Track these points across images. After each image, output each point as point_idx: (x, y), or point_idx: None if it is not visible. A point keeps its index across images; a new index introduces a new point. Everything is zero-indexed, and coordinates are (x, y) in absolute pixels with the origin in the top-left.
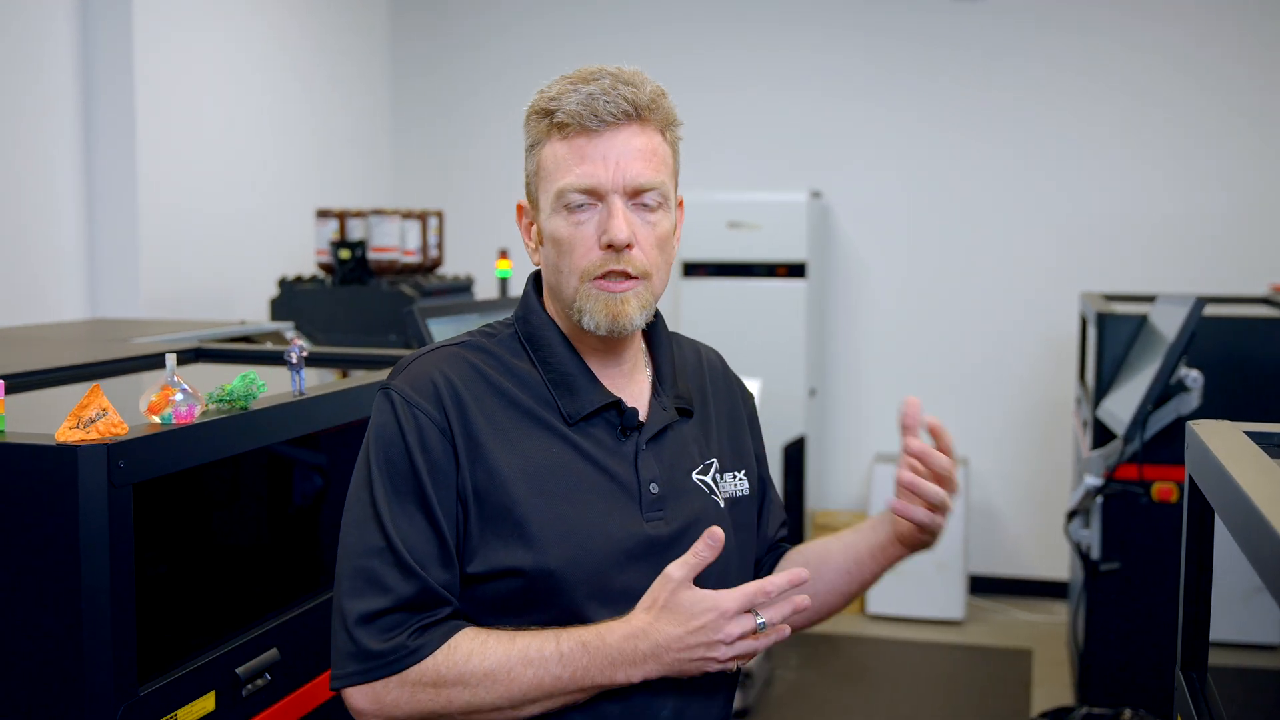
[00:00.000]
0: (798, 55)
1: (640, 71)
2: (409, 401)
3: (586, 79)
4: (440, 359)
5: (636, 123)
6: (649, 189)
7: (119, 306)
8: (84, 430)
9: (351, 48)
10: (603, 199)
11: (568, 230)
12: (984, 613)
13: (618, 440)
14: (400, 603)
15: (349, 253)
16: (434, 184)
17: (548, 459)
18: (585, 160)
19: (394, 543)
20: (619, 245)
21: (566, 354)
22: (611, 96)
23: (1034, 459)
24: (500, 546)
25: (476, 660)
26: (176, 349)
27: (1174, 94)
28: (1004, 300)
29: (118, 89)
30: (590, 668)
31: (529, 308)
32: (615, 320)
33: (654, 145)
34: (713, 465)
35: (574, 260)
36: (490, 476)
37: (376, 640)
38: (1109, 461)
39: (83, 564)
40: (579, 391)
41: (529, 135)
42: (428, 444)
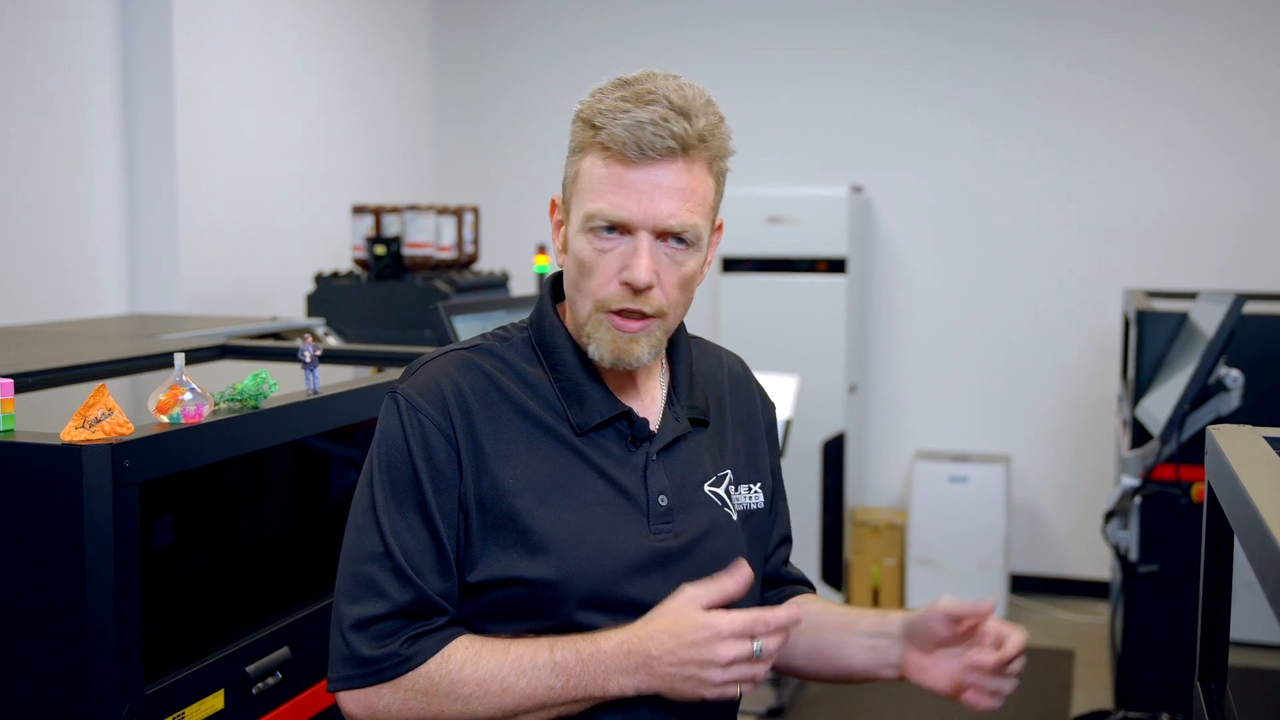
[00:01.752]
0: (839, 52)
1: (703, 91)
2: (415, 407)
3: (640, 99)
4: (450, 364)
5: (682, 159)
6: (682, 231)
7: (159, 302)
8: (89, 430)
9: (393, 42)
10: (631, 233)
11: (591, 255)
12: (1025, 612)
13: (628, 450)
14: (396, 610)
15: (384, 248)
16: (474, 179)
17: (554, 469)
18: (620, 190)
19: (392, 549)
20: (638, 287)
21: (578, 363)
22: (660, 129)
23: (1077, 457)
24: (502, 555)
25: (470, 669)
26: (203, 345)
27: (1221, 90)
28: (1046, 296)
29: (157, 85)
30: (583, 676)
31: (543, 312)
32: (620, 358)
33: (695, 183)
34: (726, 477)
35: (593, 286)
36: (494, 486)
37: (370, 646)
38: (1146, 462)
39: (87, 563)
40: (588, 402)
41: (573, 137)
42: (431, 450)
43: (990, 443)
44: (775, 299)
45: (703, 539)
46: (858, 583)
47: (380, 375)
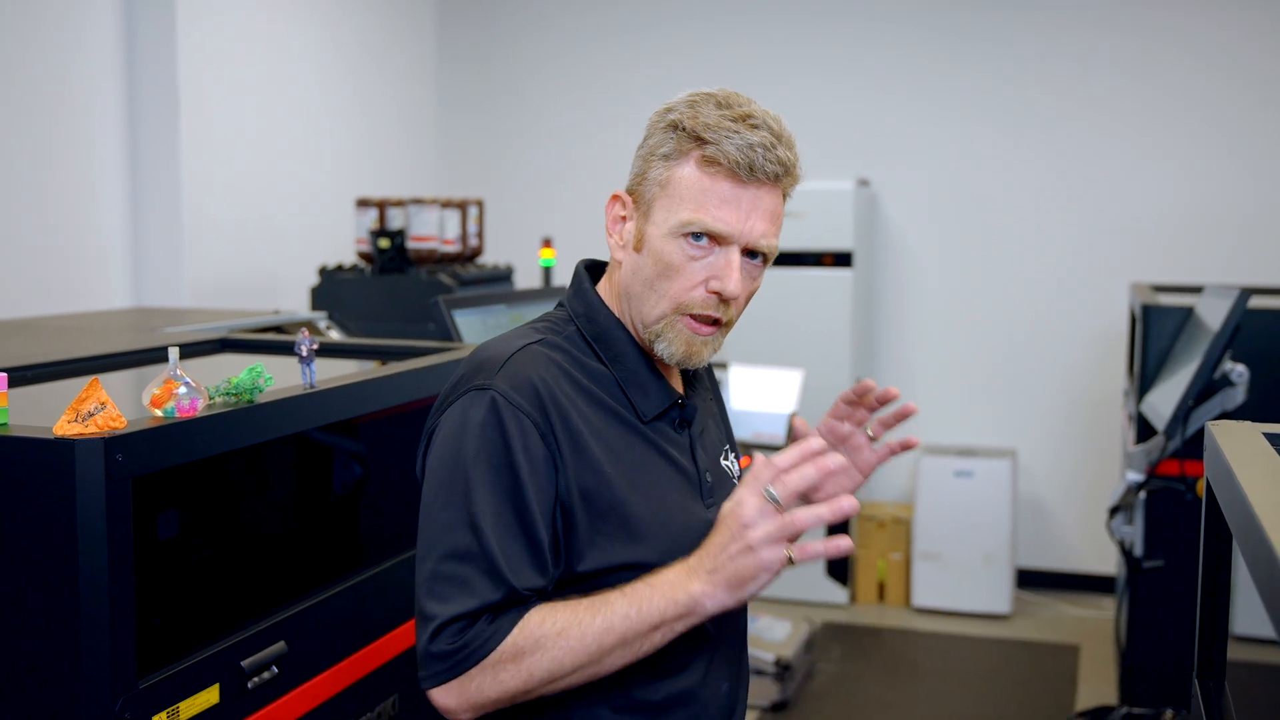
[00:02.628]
0: (846, 45)
1: (783, 120)
2: (512, 403)
3: (745, 120)
4: (534, 359)
5: (778, 185)
6: (766, 251)
7: (163, 295)
8: (82, 424)
9: (398, 36)
10: (724, 245)
11: (681, 259)
12: (1031, 607)
13: (678, 433)
14: (485, 606)
15: (388, 242)
16: (479, 172)
17: (636, 456)
18: (724, 205)
19: (489, 547)
20: (729, 297)
21: (636, 354)
22: (770, 155)
23: (1083, 452)
24: (608, 544)
25: (549, 624)
26: (204, 339)
27: (1228, 86)
28: (1053, 291)
29: (161, 78)
30: (653, 596)
31: (591, 305)
32: (690, 358)
33: (780, 208)
34: (727, 449)
35: (675, 288)
36: (596, 475)
37: (450, 640)
38: (1151, 458)
39: (80, 558)
40: (651, 392)
41: (664, 144)
42: (530, 447)
43: (996, 437)
44: (781, 292)
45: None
46: (863, 577)
47: (383, 369)
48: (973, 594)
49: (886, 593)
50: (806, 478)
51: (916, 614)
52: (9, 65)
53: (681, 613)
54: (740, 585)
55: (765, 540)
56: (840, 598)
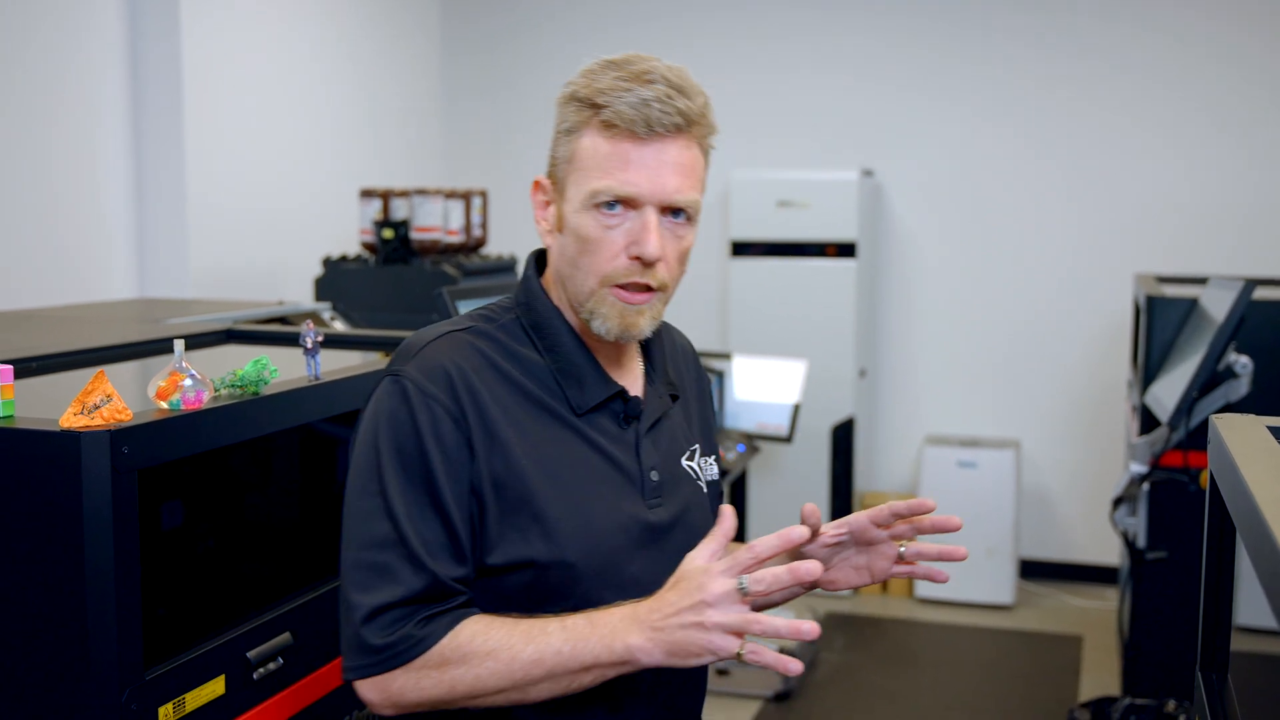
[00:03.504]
0: (849, 35)
1: (687, 72)
2: (422, 390)
3: (639, 78)
4: (451, 346)
5: (684, 135)
6: (685, 206)
7: (168, 286)
8: (88, 416)
9: (401, 26)
10: (638, 208)
11: (597, 231)
12: (1034, 598)
13: (620, 428)
14: (411, 595)
15: (392, 232)
16: (483, 163)
17: (559, 449)
18: (628, 167)
19: (405, 534)
20: (650, 260)
21: (573, 344)
22: (666, 106)
23: (1087, 442)
24: (519, 538)
25: (480, 640)
26: (208, 330)
27: (1233, 78)
28: (1057, 281)
29: (165, 69)
30: (590, 637)
31: (532, 293)
32: (627, 330)
33: (694, 159)
34: (696, 450)
35: (597, 262)
36: (509, 466)
37: (383, 634)
38: (1155, 449)
39: (86, 550)
40: (586, 383)
41: (566, 119)
42: (441, 434)
43: (1000, 428)
44: (785, 283)
45: (685, 511)
46: None
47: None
48: (976, 584)
49: (889, 583)
50: (779, 582)
51: (919, 604)
52: (13, 57)
53: (616, 661)
54: (681, 655)
55: (721, 627)
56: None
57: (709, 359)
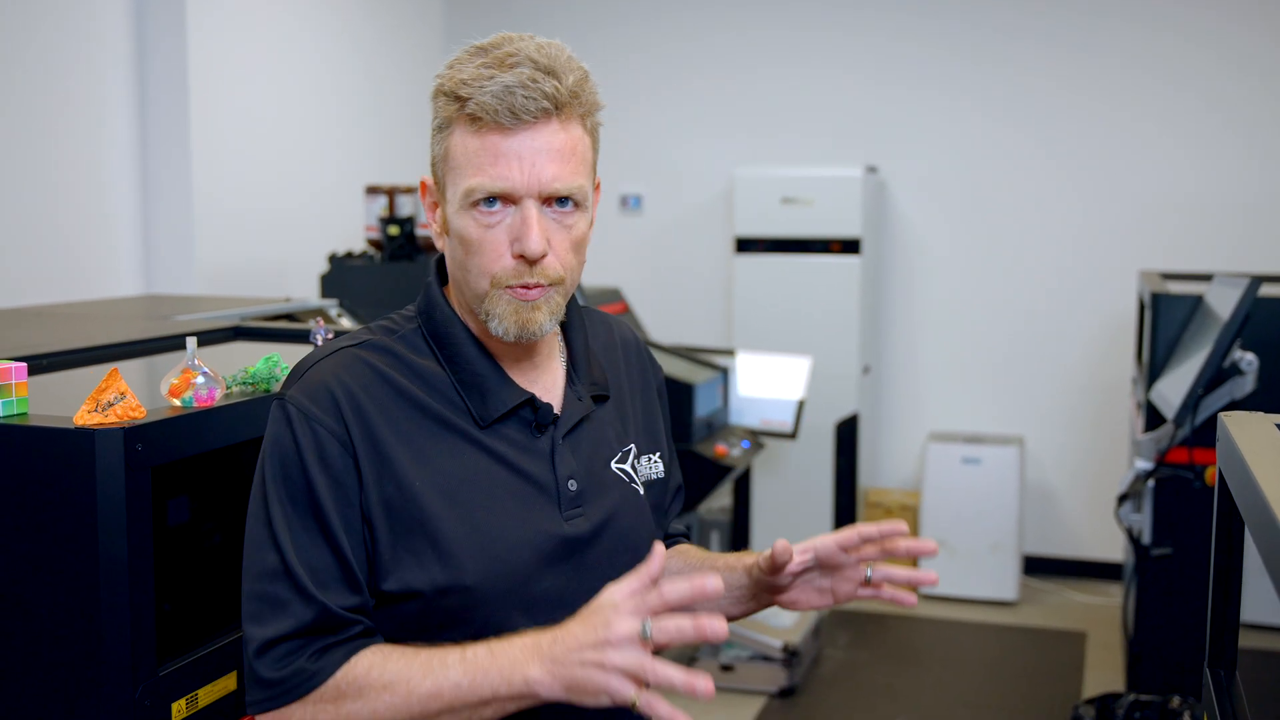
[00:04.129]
0: (855, 32)
1: (562, 48)
2: (305, 414)
3: (503, 63)
4: (338, 365)
5: (556, 119)
6: (568, 194)
7: (174, 282)
8: (102, 414)
9: (406, 22)
10: (516, 203)
11: (477, 231)
12: (1038, 594)
13: (532, 437)
14: (300, 628)
15: (397, 229)
16: None
17: (459, 467)
18: (499, 160)
19: (292, 565)
20: (533, 257)
21: (475, 353)
22: (531, 91)
23: (1091, 439)
24: (414, 563)
25: (376, 673)
26: (216, 327)
27: (1238, 74)
28: (1061, 278)
29: (171, 65)
30: (490, 670)
31: (432, 301)
32: (524, 328)
33: (573, 142)
34: (630, 451)
35: (484, 263)
36: (400, 489)
37: (276, 668)
38: (1160, 446)
39: (100, 547)
40: (490, 393)
41: (436, 114)
42: (327, 459)
43: (1003, 424)
44: (789, 279)
45: (611, 519)
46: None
47: None
48: (979, 581)
49: None
50: (683, 633)
51: (923, 600)
52: (18, 54)
53: (515, 694)
54: (578, 692)
55: (620, 669)
56: None
57: (713, 355)
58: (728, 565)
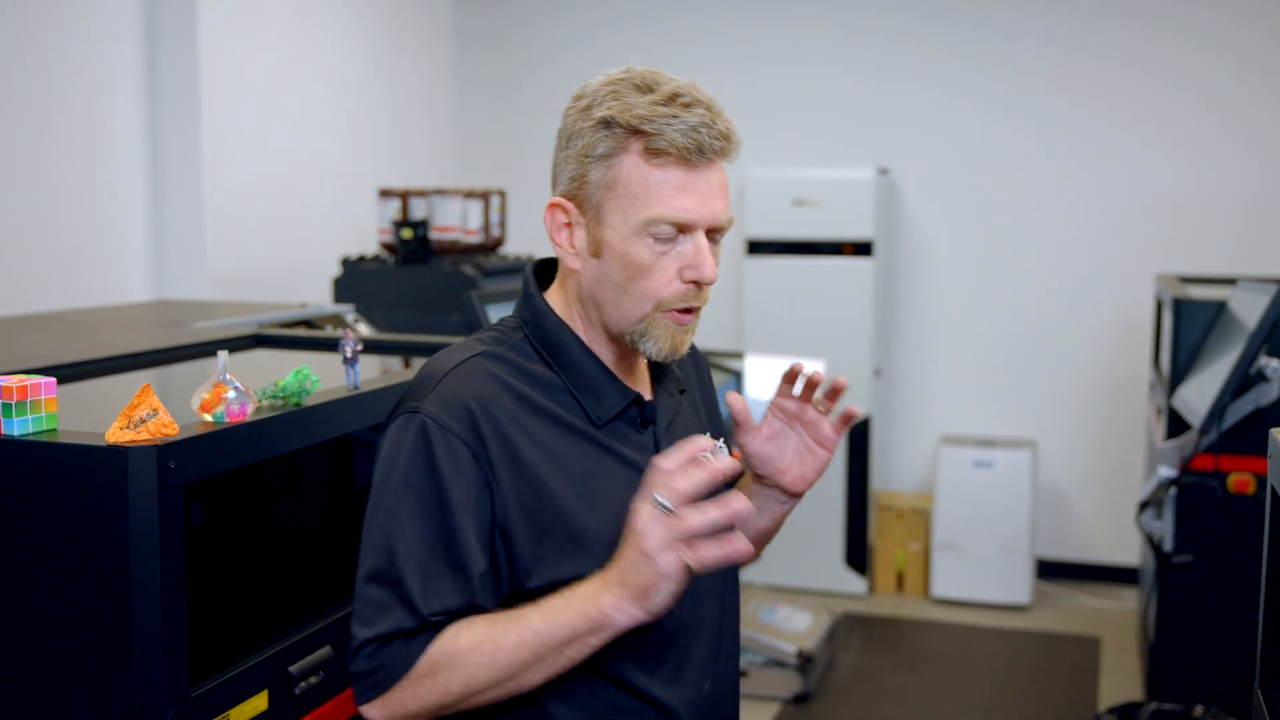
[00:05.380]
0: (866, 32)
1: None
2: (443, 425)
3: (674, 101)
4: (469, 376)
5: (725, 158)
6: (727, 227)
7: (184, 286)
8: (134, 431)
9: (416, 23)
10: (689, 232)
11: (650, 258)
12: (1051, 598)
13: (638, 433)
14: (398, 630)
15: (411, 232)
16: (498, 161)
17: (584, 464)
18: (683, 193)
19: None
20: (709, 283)
21: (585, 357)
22: (713, 132)
23: (1104, 442)
24: (556, 559)
25: (464, 639)
26: (237, 335)
27: (1247, 75)
28: (1074, 280)
29: (182, 67)
30: (566, 609)
31: (539, 311)
32: (675, 350)
33: (727, 181)
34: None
35: (653, 287)
36: (536, 491)
37: (371, 661)
38: (1184, 453)
39: (133, 566)
40: (604, 394)
41: (599, 143)
42: (462, 470)
43: (1016, 428)
44: (801, 282)
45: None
46: (882, 566)
47: (407, 371)
48: (992, 584)
49: (905, 583)
50: (696, 481)
51: (935, 604)
52: (28, 56)
53: (592, 627)
54: (645, 595)
55: (659, 547)
56: (859, 588)
57: (724, 358)
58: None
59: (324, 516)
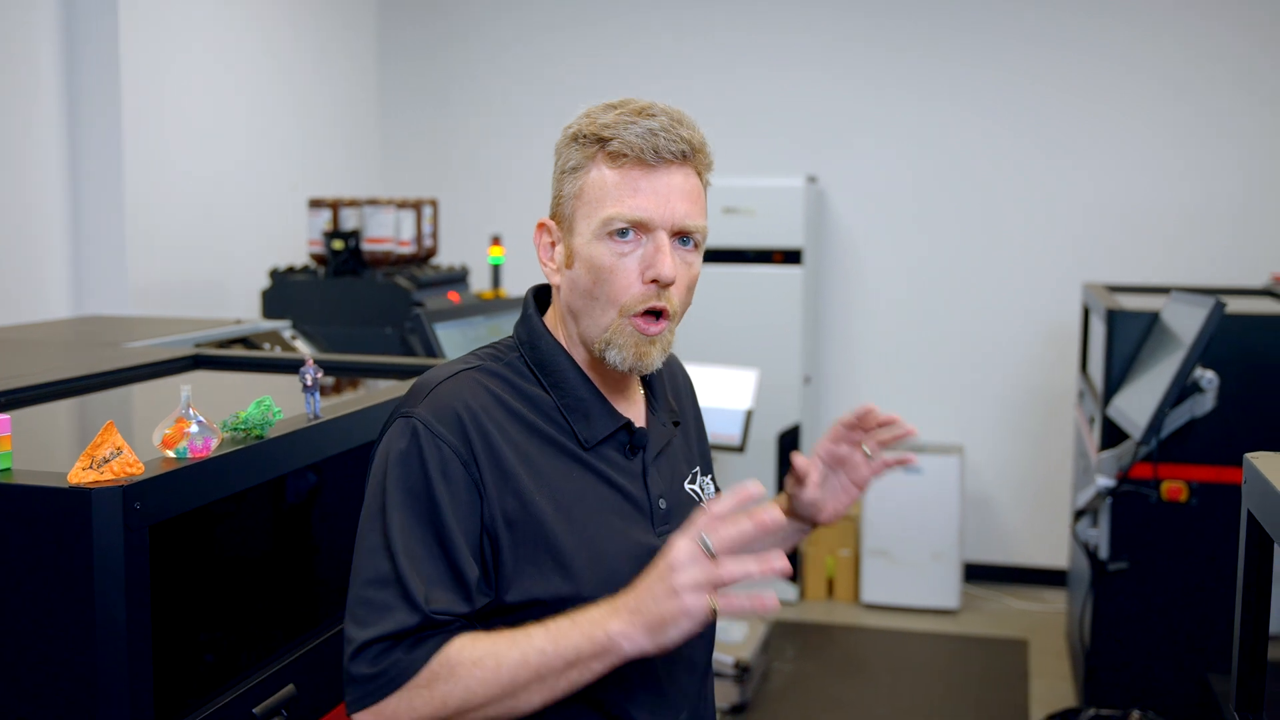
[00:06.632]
0: (796, 40)
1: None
2: (433, 432)
3: (641, 112)
4: (462, 386)
5: (689, 164)
6: (694, 231)
7: (106, 301)
8: (98, 471)
9: (339, 33)
10: (650, 233)
11: (611, 259)
12: (979, 601)
13: (627, 458)
14: (401, 630)
15: (342, 243)
16: (423, 172)
17: (570, 484)
18: (639, 193)
19: (404, 574)
20: (665, 282)
21: (578, 379)
22: (671, 134)
23: (1030, 447)
24: (536, 575)
25: (466, 652)
26: (173, 356)
27: (1171, 83)
28: (1001, 287)
29: (103, 78)
30: (572, 632)
31: (535, 331)
32: (640, 361)
33: (697, 189)
34: (696, 473)
35: (614, 290)
36: (522, 504)
37: (372, 665)
38: (1122, 463)
39: (98, 611)
40: (594, 417)
41: (570, 158)
42: (450, 476)
43: (943, 433)
44: (731, 290)
45: None
46: (812, 573)
47: (385, 393)
48: (921, 589)
49: (836, 589)
50: (742, 532)
51: (866, 610)
52: None
53: (597, 651)
54: (660, 629)
55: (691, 586)
56: (790, 594)
57: None
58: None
59: (283, 550)
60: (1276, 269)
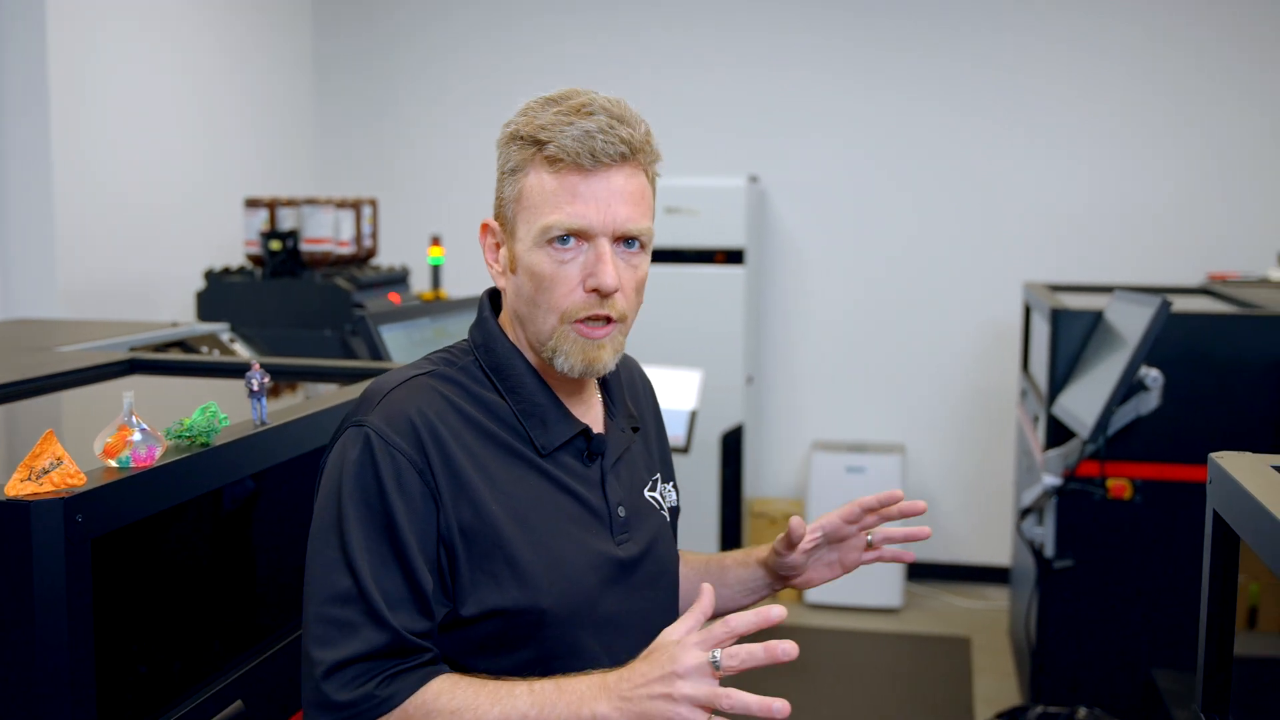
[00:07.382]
0: (736, 39)
1: (625, 102)
2: (386, 441)
3: (579, 111)
4: (415, 393)
5: (629, 164)
6: (637, 234)
7: (34, 304)
8: (37, 483)
9: (277, 30)
10: (590, 240)
11: (551, 267)
12: (921, 599)
13: (585, 465)
14: (371, 651)
15: (280, 244)
16: (360, 172)
17: (526, 492)
18: (577, 199)
19: (366, 589)
20: (607, 292)
21: (535, 384)
22: (609, 136)
23: (972, 446)
24: (492, 586)
25: (445, 700)
26: (109, 360)
27: (1111, 85)
28: (943, 286)
29: (30, 72)
30: (558, 703)
31: (490, 334)
32: (590, 365)
33: (642, 188)
34: (656, 480)
35: (554, 299)
36: (477, 514)
37: (345, 691)
38: (1069, 461)
39: (38, 628)
40: (550, 423)
41: (510, 158)
42: (405, 486)
43: (885, 432)
44: (673, 290)
45: (652, 544)
46: None
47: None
48: (864, 588)
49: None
50: (754, 659)
51: (809, 609)
52: None
53: None
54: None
55: (689, 700)
56: None
57: None
58: (738, 561)
59: (227, 561)
60: (1211, 268)
